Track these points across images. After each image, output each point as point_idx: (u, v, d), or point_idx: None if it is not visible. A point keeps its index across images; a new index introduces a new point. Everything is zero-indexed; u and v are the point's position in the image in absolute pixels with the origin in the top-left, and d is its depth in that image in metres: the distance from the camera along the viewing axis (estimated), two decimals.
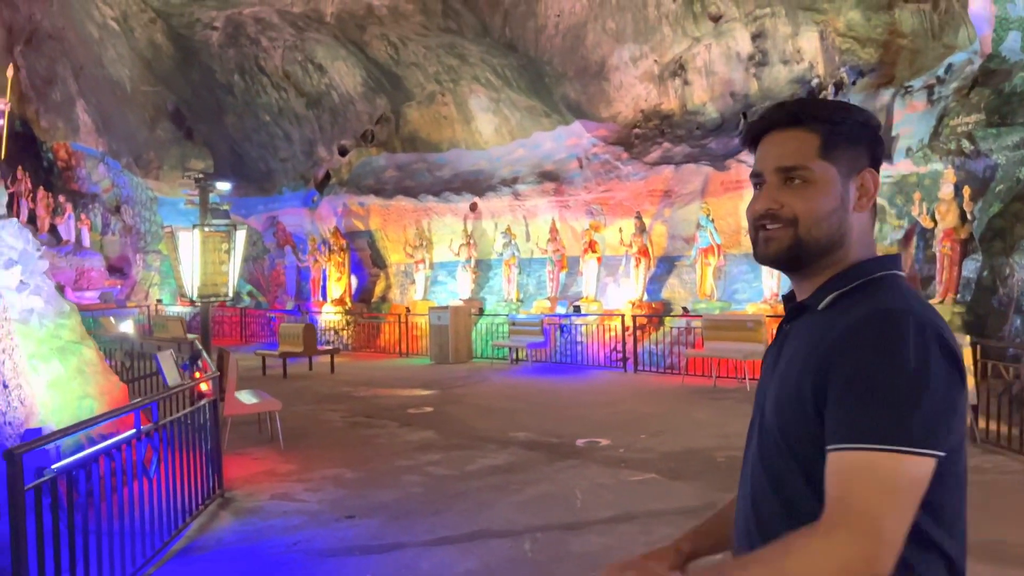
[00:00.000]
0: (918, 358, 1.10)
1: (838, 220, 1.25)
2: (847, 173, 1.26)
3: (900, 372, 1.09)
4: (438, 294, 19.81)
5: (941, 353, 1.12)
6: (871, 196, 1.27)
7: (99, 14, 22.17)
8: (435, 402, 11.23)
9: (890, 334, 1.12)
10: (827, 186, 1.25)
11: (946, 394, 1.11)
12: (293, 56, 19.83)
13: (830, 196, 1.25)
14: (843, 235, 1.25)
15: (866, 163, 1.28)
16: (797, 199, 1.26)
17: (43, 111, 28.47)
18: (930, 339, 1.12)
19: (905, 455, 1.06)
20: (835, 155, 1.25)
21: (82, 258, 26.72)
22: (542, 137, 17.80)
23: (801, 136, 1.26)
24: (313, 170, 22.17)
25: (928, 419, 1.08)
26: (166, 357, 5.92)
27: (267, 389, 12.87)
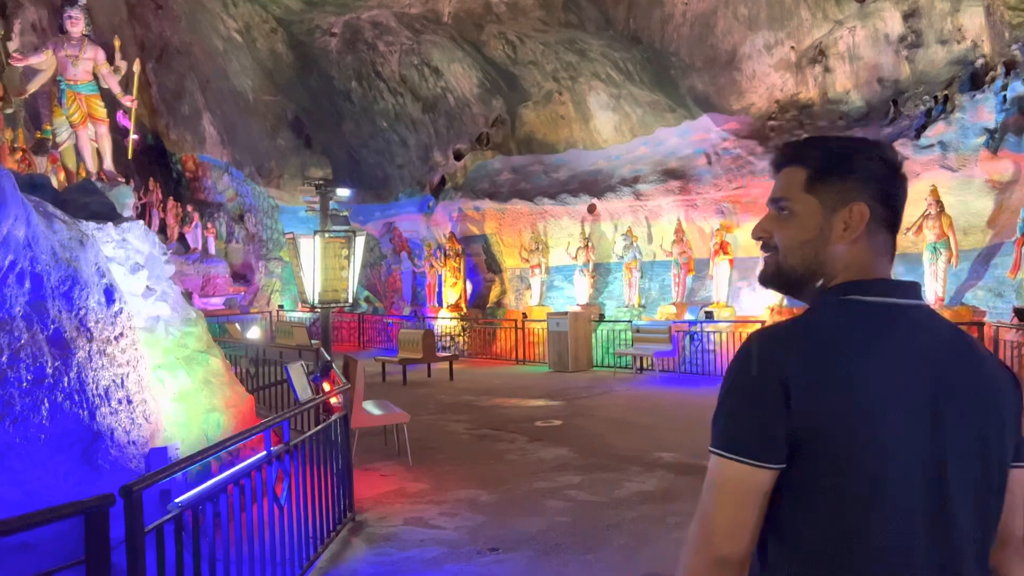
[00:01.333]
0: (738, 371, 1.24)
1: (813, 251, 1.31)
2: (832, 206, 1.29)
3: (722, 386, 1.26)
4: (554, 299, 19.17)
5: (744, 369, 1.23)
6: (855, 229, 1.28)
7: (224, 27, 22.80)
8: (563, 414, 10.55)
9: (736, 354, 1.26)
10: (806, 218, 1.31)
11: (745, 406, 1.22)
12: (409, 60, 19.68)
13: (806, 228, 1.31)
14: (820, 265, 1.31)
15: (858, 197, 1.29)
16: (779, 229, 1.34)
17: (172, 124, 29.65)
18: (754, 353, 1.23)
19: (719, 457, 1.22)
20: (818, 189, 1.31)
21: (208, 265, 27.60)
22: (666, 133, 16.90)
23: (794, 171, 1.33)
24: (429, 175, 22.00)
25: (730, 425, 1.23)
26: (296, 369, 5.49)
27: (389, 397, 12.56)
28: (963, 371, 1.25)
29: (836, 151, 1.33)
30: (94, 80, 6.45)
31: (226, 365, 7.02)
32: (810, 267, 1.31)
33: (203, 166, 29.73)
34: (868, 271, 1.29)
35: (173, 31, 26.89)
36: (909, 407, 1.19)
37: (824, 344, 1.21)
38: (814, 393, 1.17)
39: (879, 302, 1.26)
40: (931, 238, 11.64)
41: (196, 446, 5.51)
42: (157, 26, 27.59)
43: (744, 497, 1.20)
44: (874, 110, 14.33)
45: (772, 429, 1.18)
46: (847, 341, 1.21)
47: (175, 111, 29.12)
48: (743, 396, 1.22)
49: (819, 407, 1.17)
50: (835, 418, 1.17)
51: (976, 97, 12.40)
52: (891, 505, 1.17)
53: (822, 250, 1.30)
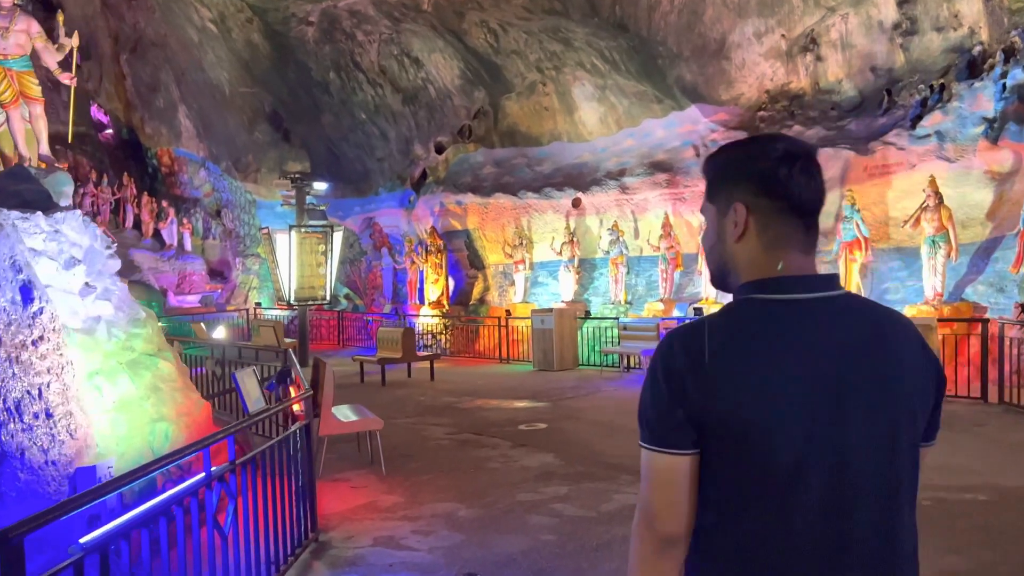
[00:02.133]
0: (649, 369, 1.34)
1: (718, 253, 1.41)
2: (723, 210, 1.37)
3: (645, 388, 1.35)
4: (539, 296, 18.67)
5: (653, 365, 1.33)
6: (741, 227, 1.34)
7: (198, 17, 22.08)
8: (548, 417, 10.04)
9: None
10: (710, 224, 1.42)
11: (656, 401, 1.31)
12: (389, 50, 19.09)
13: (711, 233, 1.42)
14: (725, 265, 1.40)
15: (739, 196, 1.34)
16: (703, 238, 1.48)
17: (147, 118, 28.90)
18: (659, 352, 1.33)
19: (644, 449, 1.34)
20: (713, 194, 1.40)
21: (184, 262, 26.89)
22: (652, 125, 16.42)
23: (705, 183, 1.44)
24: (409, 169, 21.42)
25: (649, 420, 1.33)
26: (247, 377, 4.91)
27: (366, 399, 12.00)
28: (871, 362, 1.28)
29: (721, 159, 1.41)
30: (28, 55, 5.86)
31: (180, 369, 6.46)
32: (721, 268, 1.41)
33: (179, 160, 29.00)
34: (766, 267, 1.33)
35: (147, 22, 26.13)
36: (801, 401, 1.23)
37: (720, 341, 1.27)
38: (708, 388, 1.25)
39: (774, 299, 1.31)
40: (929, 231, 11.21)
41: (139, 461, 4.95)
42: (131, 17, 26.82)
43: (672, 481, 1.30)
44: (867, 100, 13.90)
45: (677, 420, 1.28)
46: (741, 338, 1.28)
47: (150, 104, 28.36)
48: (654, 392, 1.31)
49: (712, 403, 1.25)
50: (727, 412, 1.24)
51: (974, 85, 12.00)
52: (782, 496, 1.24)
53: (724, 252, 1.38)
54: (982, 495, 5.91)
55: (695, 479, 1.30)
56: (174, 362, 6.21)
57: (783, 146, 1.35)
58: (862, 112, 13.85)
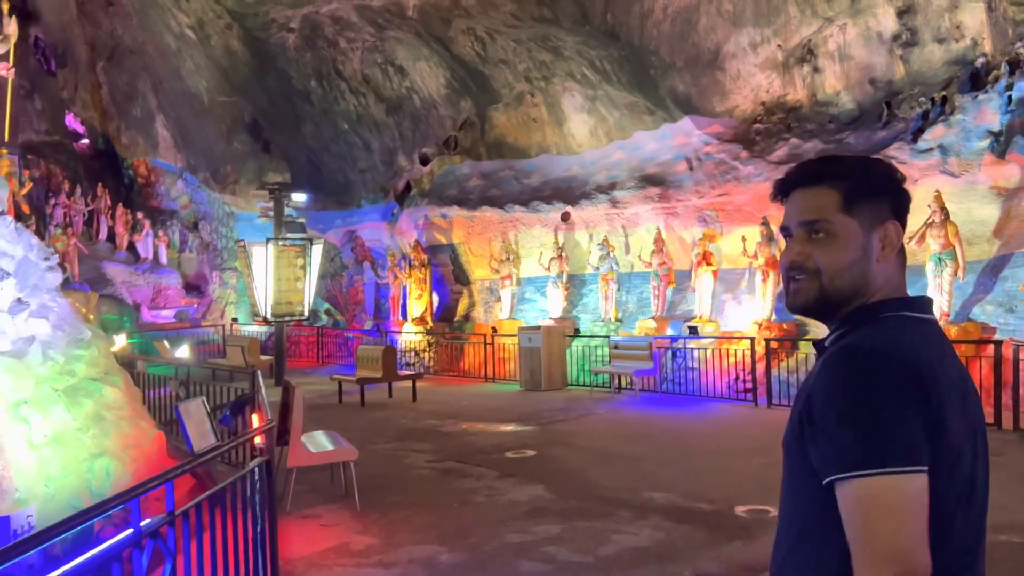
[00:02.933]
0: (863, 386, 1.20)
1: (860, 271, 1.31)
2: (869, 226, 1.31)
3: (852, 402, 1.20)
4: (526, 313, 18.09)
5: (887, 375, 1.20)
6: (894, 247, 1.32)
7: (176, 23, 21.48)
8: (537, 442, 9.43)
9: (844, 369, 1.23)
10: (848, 239, 1.31)
11: (896, 412, 1.19)
12: (372, 58, 18.54)
13: (851, 248, 1.31)
14: (866, 284, 1.32)
15: (888, 216, 1.33)
16: (820, 251, 1.33)
17: (124, 127, 28.18)
18: (874, 365, 1.20)
19: (872, 478, 1.16)
20: (856, 209, 1.32)
21: (159, 276, 26.10)
22: (644, 137, 15.93)
23: (823, 193, 1.33)
24: (393, 181, 20.83)
25: (879, 440, 1.18)
26: (194, 409, 4.24)
27: (343, 421, 11.33)
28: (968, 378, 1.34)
29: (866, 172, 1.35)
30: None
31: (131, 394, 5.80)
32: (857, 287, 1.32)
33: (156, 171, 28.26)
34: (902, 287, 1.35)
35: (125, 29, 25.49)
36: (966, 415, 1.26)
37: (936, 359, 1.24)
38: (937, 398, 1.21)
39: (924, 318, 1.31)
40: (935, 248, 10.74)
41: (73, 504, 4.30)
42: (108, 24, 26.17)
43: (912, 507, 1.17)
44: (866, 112, 13.48)
45: (916, 431, 1.19)
46: (926, 354, 1.24)
47: (127, 113, 27.66)
48: (890, 405, 1.19)
49: (942, 412, 1.21)
50: (948, 421, 1.21)
51: (978, 98, 11.59)
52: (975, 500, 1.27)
53: (867, 269, 1.31)
54: (1016, 537, 5.36)
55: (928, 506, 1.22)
56: (123, 387, 5.56)
57: (902, 176, 1.39)
58: (861, 125, 13.42)
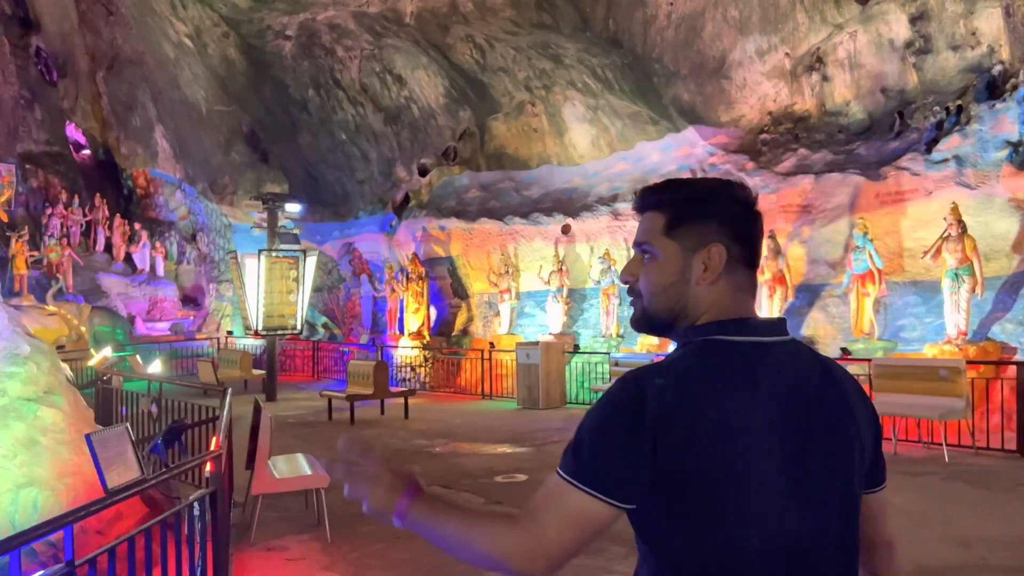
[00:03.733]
0: (607, 410, 1.20)
1: (676, 293, 1.29)
2: (692, 248, 1.28)
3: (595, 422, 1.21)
4: (525, 327, 17.58)
5: (613, 399, 1.20)
6: (715, 269, 1.27)
7: (174, 32, 21.19)
8: (529, 465, 8.89)
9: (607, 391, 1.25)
10: (666, 262, 1.29)
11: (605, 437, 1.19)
12: (371, 67, 18.17)
13: (667, 271, 1.29)
14: (684, 307, 1.29)
15: (714, 238, 1.27)
16: (643, 273, 1.32)
17: (123, 138, 27.91)
18: (623, 392, 1.20)
19: (571, 485, 1.19)
20: (677, 232, 1.29)
21: (156, 287, 25.73)
22: (647, 148, 15.48)
23: (652, 216, 1.32)
24: (391, 192, 20.42)
25: (584, 456, 1.19)
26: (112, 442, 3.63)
27: (330, 440, 10.81)
28: (826, 404, 1.26)
29: (690, 195, 1.33)
30: None
31: (79, 416, 5.30)
32: (673, 310, 1.30)
33: (155, 182, 27.96)
34: (730, 310, 1.28)
35: (124, 39, 25.29)
36: (771, 442, 1.19)
37: (688, 385, 1.19)
38: (680, 433, 1.16)
39: (740, 341, 1.25)
40: (952, 263, 10.19)
41: None
42: (108, 34, 25.99)
43: (585, 528, 1.20)
44: (878, 122, 13.00)
45: (634, 470, 1.17)
46: (709, 380, 1.20)
47: (126, 123, 27.40)
48: (608, 432, 1.19)
49: (687, 447, 1.15)
50: (701, 456, 1.15)
51: (996, 107, 11.10)
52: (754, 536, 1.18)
53: (684, 292, 1.29)
54: None
55: (603, 530, 1.21)
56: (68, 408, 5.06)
57: (750, 195, 1.32)
58: (872, 135, 12.94)
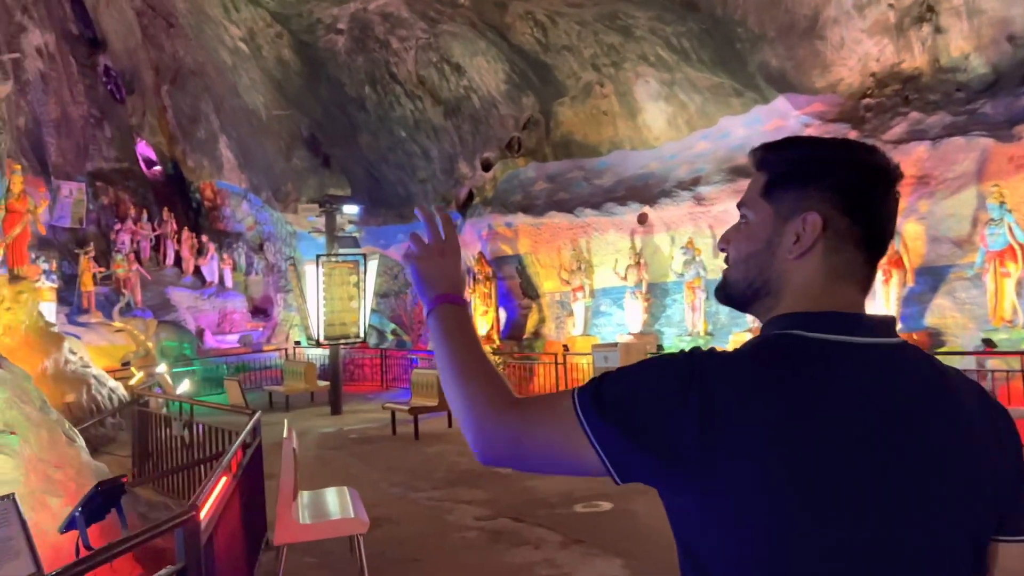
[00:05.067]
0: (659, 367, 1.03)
1: (757, 264, 1.11)
2: (786, 215, 1.08)
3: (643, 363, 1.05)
4: (601, 327, 16.23)
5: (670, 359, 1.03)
6: (804, 243, 1.06)
7: (229, 37, 20.71)
8: (613, 489, 7.57)
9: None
10: (757, 227, 1.12)
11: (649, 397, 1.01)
12: (427, 57, 17.16)
13: (754, 238, 1.12)
14: (765, 281, 1.10)
15: (815, 206, 1.06)
16: (734, 238, 1.16)
17: (189, 150, 27.84)
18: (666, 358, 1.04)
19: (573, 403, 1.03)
20: (775, 194, 1.10)
21: (224, 300, 25.45)
22: (731, 123, 13.95)
23: (757, 176, 1.14)
24: (454, 190, 19.36)
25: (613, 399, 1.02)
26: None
27: (391, 458, 9.75)
28: (932, 428, 1.00)
29: (798, 153, 1.13)
30: None
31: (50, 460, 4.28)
32: (752, 284, 1.12)
33: (221, 193, 27.79)
34: (820, 299, 1.07)
35: (186, 50, 25.15)
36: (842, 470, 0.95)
37: (744, 383, 0.98)
38: (731, 431, 0.96)
39: (825, 340, 1.03)
40: None
41: None
42: (170, 47, 25.91)
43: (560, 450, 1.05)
44: (1004, 76, 11.18)
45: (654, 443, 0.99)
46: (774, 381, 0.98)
47: (191, 136, 27.31)
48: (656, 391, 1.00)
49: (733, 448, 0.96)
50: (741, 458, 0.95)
51: None
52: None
53: (767, 265, 1.10)
54: None
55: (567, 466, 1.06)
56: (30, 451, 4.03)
57: (881, 161, 1.08)
58: (999, 91, 11.13)
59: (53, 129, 25.05)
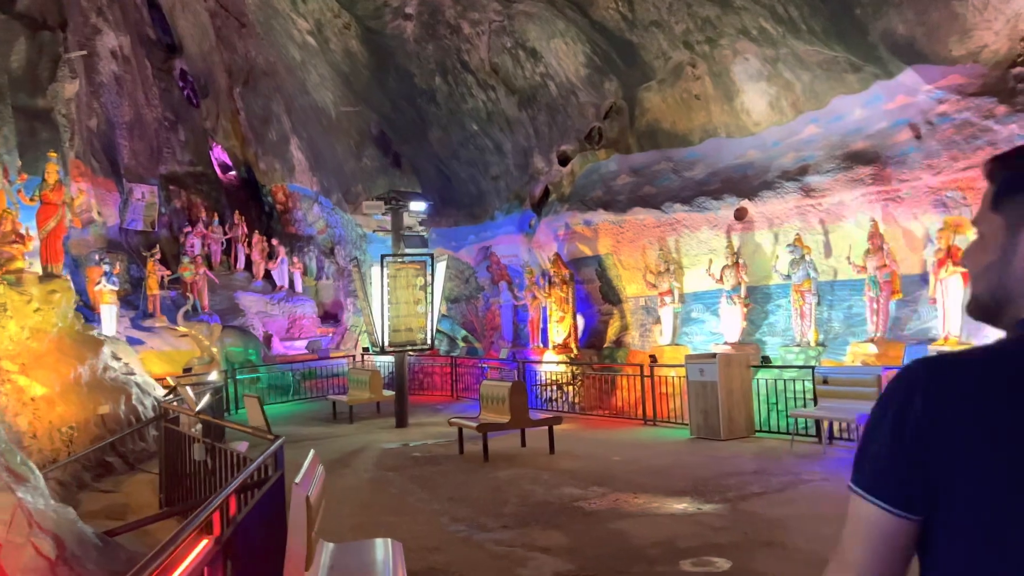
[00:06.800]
0: (880, 409, 1.10)
1: (996, 275, 1.14)
2: (1017, 223, 1.11)
3: (869, 422, 1.12)
4: (692, 336, 14.58)
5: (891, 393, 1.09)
6: None
7: (297, 32, 19.96)
8: (728, 538, 6.04)
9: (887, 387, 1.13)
10: (990, 239, 1.16)
11: (879, 434, 1.10)
12: (501, 43, 15.88)
13: (989, 249, 1.15)
14: (1006, 290, 1.12)
15: None
16: (971, 254, 1.20)
17: (261, 153, 27.42)
18: (900, 385, 1.09)
19: (856, 495, 1.11)
20: (1004, 205, 1.14)
21: (294, 304, 24.79)
22: (846, 104, 12.16)
23: (987, 191, 1.17)
24: (529, 186, 18.01)
25: (872, 465, 1.10)
26: None
27: (454, 486, 8.41)
28: None
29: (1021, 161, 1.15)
30: None
31: None
32: (995, 294, 1.14)
33: (293, 196, 27.26)
34: None
35: (257, 50, 24.67)
36: None
37: (981, 386, 1.03)
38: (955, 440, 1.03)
39: None
40: None
41: None
42: (242, 47, 25.50)
43: (869, 539, 1.12)
44: None
45: (900, 470, 1.07)
46: (1008, 385, 1.02)
47: (263, 138, 26.86)
48: (880, 428, 1.10)
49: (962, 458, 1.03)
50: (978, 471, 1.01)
51: None
52: None
53: (1005, 273, 1.12)
54: None
55: (897, 548, 1.09)
56: None
57: None
58: None
59: (126, 131, 24.88)
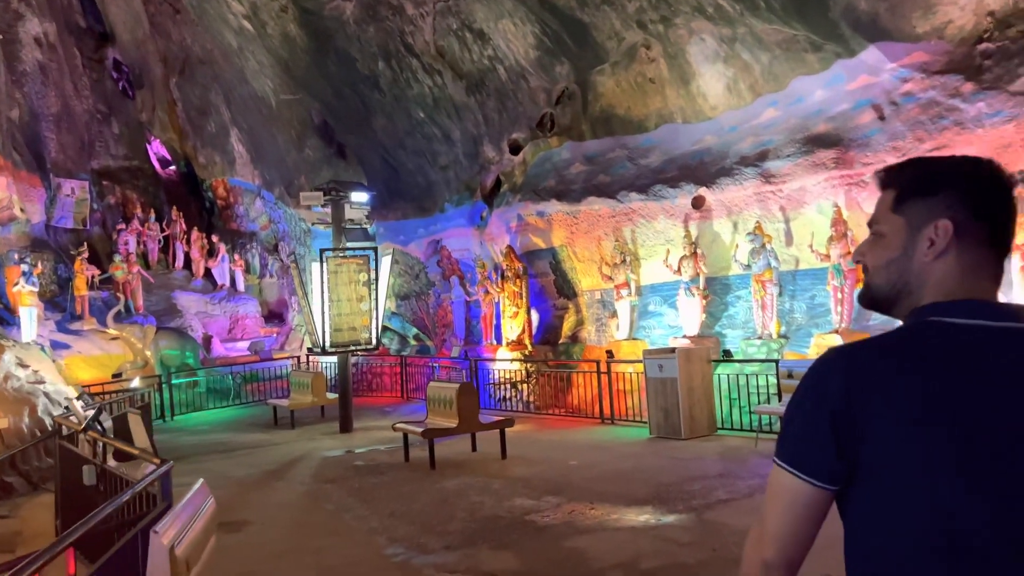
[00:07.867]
0: (801, 390, 1.22)
1: (897, 268, 1.27)
2: (918, 224, 1.25)
3: (791, 403, 1.24)
4: (651, 330, 14.00)
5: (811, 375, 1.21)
6: (939, 246, 1.23)
7: (232, 16, 18.89)
8: (694, 553, 5.39)
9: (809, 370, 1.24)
10: (891, 238, 1.28)
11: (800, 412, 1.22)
12: (446, 24, 15.08)
13: (891, 247, 1.28)
14: (906, 282, 1.26)
15: (944, 213, 1.23)
16: (869, 251, 1.32)
17: (200, 145, 26.16)
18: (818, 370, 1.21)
19: (779, 468, 1.24)
20: (904, 208, 1.28)
21: (236, 304, 23.66)
22: (806, 85, 11.67)
23: (885, 195, 1.32)
24: (480, 176, 17.25)
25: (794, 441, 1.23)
26: None
27: (397, 498, 7.65)
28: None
29: (924, 171, 1.30)
30: None
31: None
32: (895, 285, 1.28)
33: (234, 191, 26.06)
34: (954, 292, 1.23)
35: (193, 37, 23.46)
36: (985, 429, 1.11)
37: (885, 365, 1.17)
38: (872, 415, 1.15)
39: (960, 324, 1.19)
40: None
41: None
42: (177, 35, 24.24)
43: (791, 508, 1.23)
44: None
45: (824, 447, 1.18)
46: (917, 362, 1.16)
47: (202, 131, 25.61)
48: (802, 409, 1.22)
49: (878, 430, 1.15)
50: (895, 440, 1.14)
51: None
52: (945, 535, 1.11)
53: (906, 268, 1.26)
54: None
55: (816, 515, 1.22)
56: None
57: (998, 172, 1.26)
58: None
59: (53, 124, 23.41)
